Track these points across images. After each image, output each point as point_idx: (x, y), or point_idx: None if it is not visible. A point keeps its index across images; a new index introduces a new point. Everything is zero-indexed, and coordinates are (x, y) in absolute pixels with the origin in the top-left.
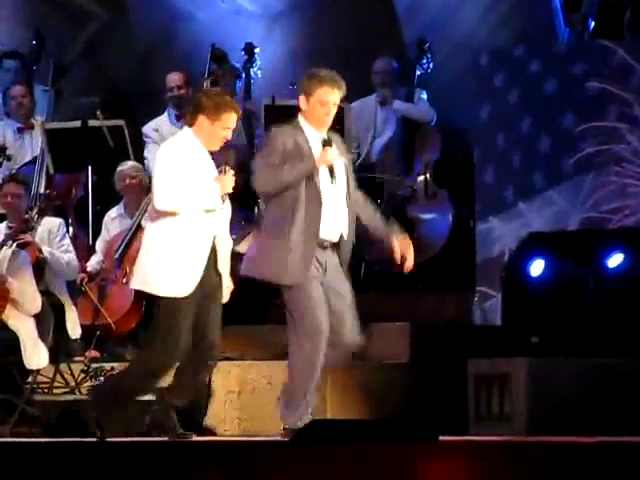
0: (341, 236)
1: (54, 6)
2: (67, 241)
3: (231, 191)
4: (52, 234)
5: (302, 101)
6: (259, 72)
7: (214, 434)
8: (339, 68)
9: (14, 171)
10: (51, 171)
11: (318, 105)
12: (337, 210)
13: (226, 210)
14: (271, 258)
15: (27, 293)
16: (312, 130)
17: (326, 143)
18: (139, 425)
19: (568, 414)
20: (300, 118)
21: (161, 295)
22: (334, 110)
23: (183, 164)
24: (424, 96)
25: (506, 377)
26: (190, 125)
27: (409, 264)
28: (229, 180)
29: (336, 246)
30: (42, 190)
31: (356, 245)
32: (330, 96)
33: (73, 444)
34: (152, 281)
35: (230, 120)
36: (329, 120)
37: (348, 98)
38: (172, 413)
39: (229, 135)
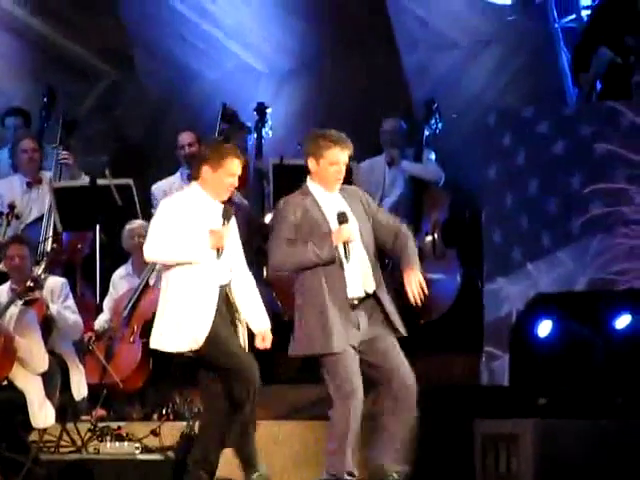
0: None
1: (63, 64)
2: (71, 301)
3: (222, 245)
4: (54, 294)
5: (312, 163)
6: (270, 132)
7: None
8: (347, 128)
9: (20, 230)
10: (59, 229)
11: (329, 166)
12: (357, 266)
13: (235, 260)
14: (315, 331)
15: (35, 352)
16: (322, 191)
17: (342, 219)
18: None
19: (575, 475)
20: (309, 182)
21: (171, 351)
22: (344, 169)
23: (178, 217)
24: (432, 156)
25: (513, 438)
26: (196, 178)
27: (413, 298)
28: (223, 233)
29: (365, 300)
30: (49, 248)
31: None
32: (341, 156)
33: None
34: (163, 339)
35: (233, 166)
36: (341, 180)
37: (357, 158)
38: None
39: (235, 182)
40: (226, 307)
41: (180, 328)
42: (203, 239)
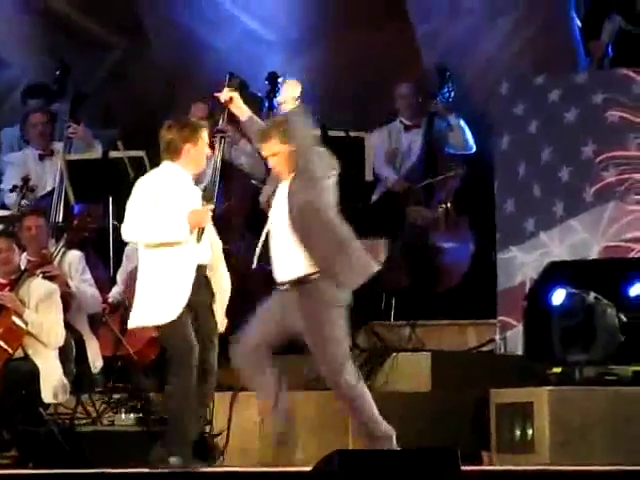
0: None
1: (73, 36)
2: (89, 275)
3: (204, 225)
4: (73, 267)
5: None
6: None
7: (237, 464)
8: (359, 97)
9: (31, 202)
10: (71, 202)
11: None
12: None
13: (213, 244)
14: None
15: (51, 326)
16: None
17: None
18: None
19: (590, 443)
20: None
21: (152, 324)
22: None
23: (156, 196)
24: (462, 123)
25: (528, 406)
26: (173, 159)
27: None
28: (203, 214)
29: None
30: (60, 220)
31: (376, 276)
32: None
33: (96, 475)
34: (143, 315)
35: (206, 135)
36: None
37: (368, 127)
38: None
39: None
40: (206, 288)
41: (154, 303)
42: (182, 219)
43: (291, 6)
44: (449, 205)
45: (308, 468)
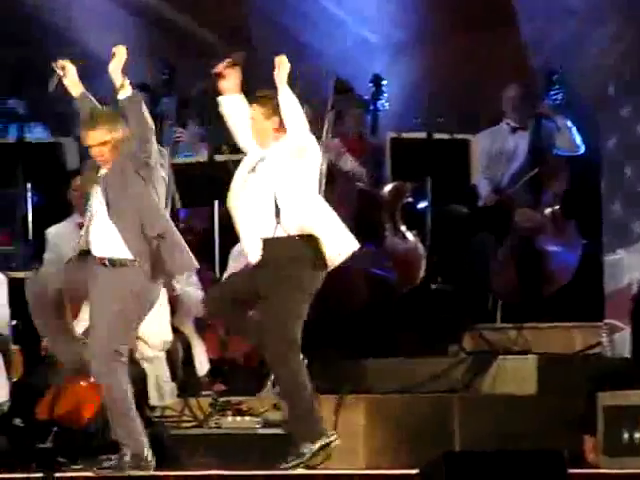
0: None
1: (179, 39)
2: (195, 277)
3: None
4: None
5: None
6: (386, 104)
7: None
8: (463, 99)
9: None
10: (178, 206)
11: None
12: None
13: None
14: None
15: (159, 329)
16: None
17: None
18: None
19: None
20: None
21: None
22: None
23: None
24: (569, 123)
25: (636, 410)
26: None
27: None
28: None
29: None
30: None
31: (482, 277)
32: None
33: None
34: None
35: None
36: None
37: (474, 129)
38: None
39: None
40: None
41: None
42: None
43: (395, 8)
44: (557, 208)
45: (414, 471)
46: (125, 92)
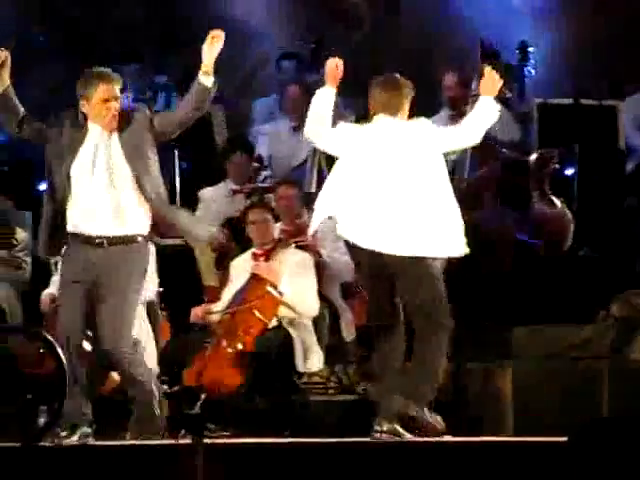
0: None
1: (326, 8)
2: (341, 243)
3: None
4: (323, 237)
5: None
6: (533, 71)
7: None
8: (607, 67)
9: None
10: (324, 171)
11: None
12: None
13: None
14: None
15: (306, 296)
16: (100, 131)
17: None
18: None
19: None
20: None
21: None
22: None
23: None
24: None
25: None
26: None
27: None
28: None
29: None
30: (313, 190)
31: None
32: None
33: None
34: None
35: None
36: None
37: (622, 96)
38: None
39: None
40: None
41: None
42: None
43: None
44: None
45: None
46: (210, 78)
